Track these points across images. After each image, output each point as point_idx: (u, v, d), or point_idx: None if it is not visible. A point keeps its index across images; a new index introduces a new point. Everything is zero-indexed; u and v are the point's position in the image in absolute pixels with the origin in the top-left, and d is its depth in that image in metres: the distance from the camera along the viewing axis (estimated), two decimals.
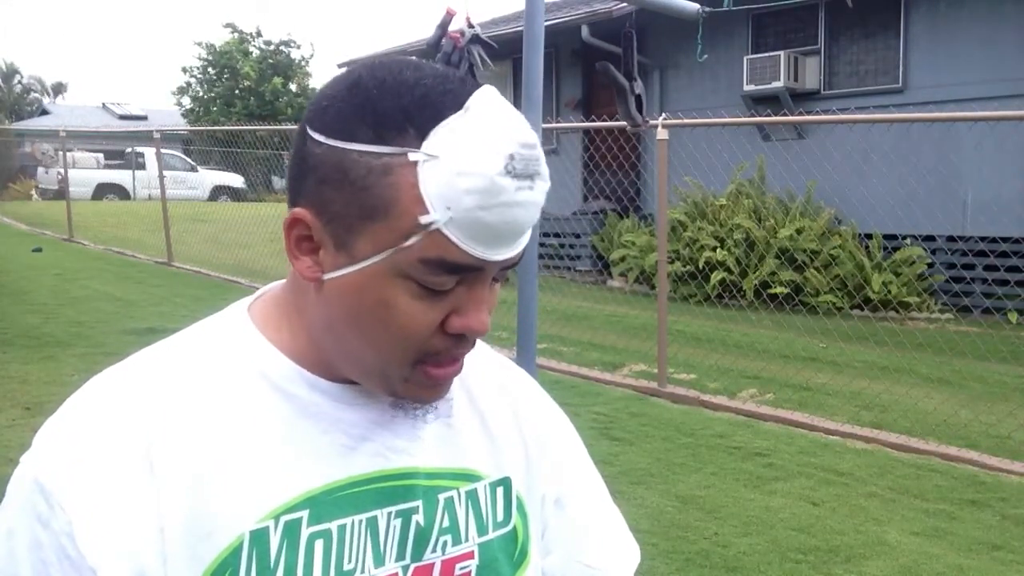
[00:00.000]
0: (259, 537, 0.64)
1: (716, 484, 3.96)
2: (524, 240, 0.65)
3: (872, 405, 5.23)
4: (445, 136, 0.61)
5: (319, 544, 0.66)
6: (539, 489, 0.81)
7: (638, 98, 3.15)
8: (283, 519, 0.65)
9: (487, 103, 0.62)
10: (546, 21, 2.60)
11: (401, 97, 0.62)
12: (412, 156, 0.61)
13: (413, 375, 0.67)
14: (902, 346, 6.44)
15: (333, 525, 0.67)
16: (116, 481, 0.63)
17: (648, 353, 6.19)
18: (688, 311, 8.43)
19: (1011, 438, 4.63)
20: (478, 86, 0.63)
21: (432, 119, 0.61)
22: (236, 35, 30.49)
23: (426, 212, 0.60)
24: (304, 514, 0.66)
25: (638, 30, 3.10)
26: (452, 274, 0.63)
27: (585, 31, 10.31)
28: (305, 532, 0.66)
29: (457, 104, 0.61)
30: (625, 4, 4.27)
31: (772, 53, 9.40)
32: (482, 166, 0.60)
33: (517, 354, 2.64)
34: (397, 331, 0.65)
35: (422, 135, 0.61)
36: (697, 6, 3.23)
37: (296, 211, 0.66)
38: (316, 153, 0.64)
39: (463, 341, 0.67)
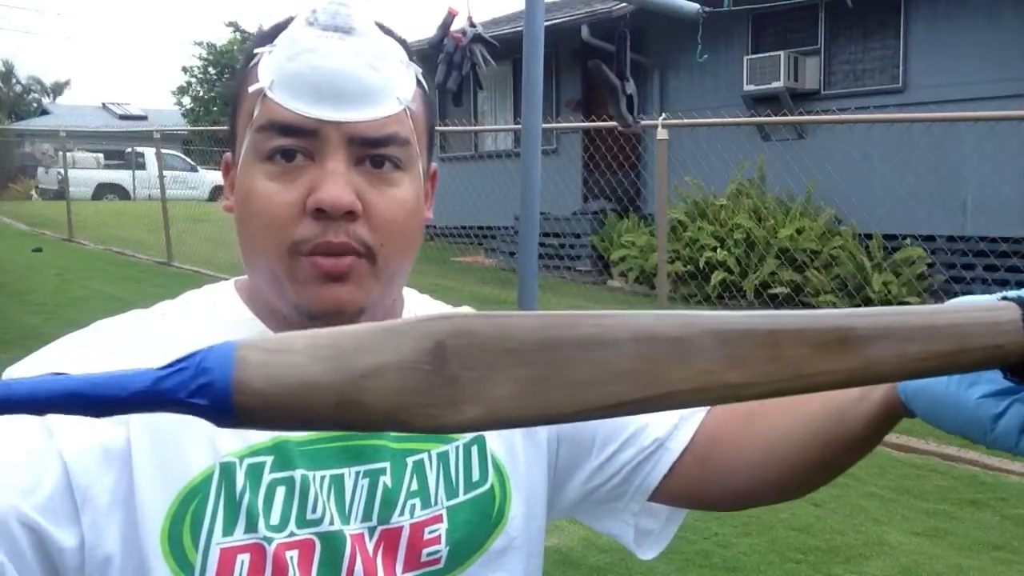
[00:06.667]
0: (228, 470, 0.66)
1: None
2: (364, 107, 0.66)
3: None
4: (286, 32, 0.68)
5: (280, 490, 0.67)
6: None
7: (629, 98, 3.15)
8: (247, 461, 0.66)
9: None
10: (546, 21, 2.60)
11: (277, 27, 0.71)
12: (257, 51, 0.70)
13: (298, 269, 0.67)
14: None
15: (296, 474, 0.68)
16: None
17: None
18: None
19: None
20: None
21: (285, 27, 0.69)
22: (238, 34, 30.54)
23: (256, 82, 0.68)
24: (268, 460, 0.67)
25: (638, 30, 3.10)
26: (286, 136, 0.66)
27: (585, 31, 10.30)
28: (267, 477, 0.67)
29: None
30: (625, 4, 4.28)
31: (772, 53, 9.40)
32: (290, 28, 0.68)
33: None
34: (259, 217, 0.67)
35: (274, 40, 0.69)
36: (697, 6, 3.24)
37: (225, 155, 0.74)
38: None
39: (329, 223, 0.66)
